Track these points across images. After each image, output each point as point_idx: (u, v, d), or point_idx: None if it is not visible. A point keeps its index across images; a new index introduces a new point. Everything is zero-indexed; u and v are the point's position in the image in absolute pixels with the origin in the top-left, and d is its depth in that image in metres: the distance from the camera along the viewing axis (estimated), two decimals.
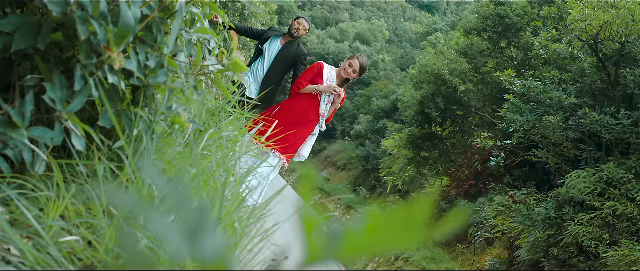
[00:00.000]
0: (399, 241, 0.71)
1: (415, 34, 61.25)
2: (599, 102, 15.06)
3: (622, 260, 11.23)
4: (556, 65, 16.68)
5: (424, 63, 21.64)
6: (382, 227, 0.71)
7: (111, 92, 2.19)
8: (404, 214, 0.70)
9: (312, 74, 8.49)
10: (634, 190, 12.48)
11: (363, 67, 8.33)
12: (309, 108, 8.30)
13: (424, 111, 21.17)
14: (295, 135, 8.14)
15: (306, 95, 8.35)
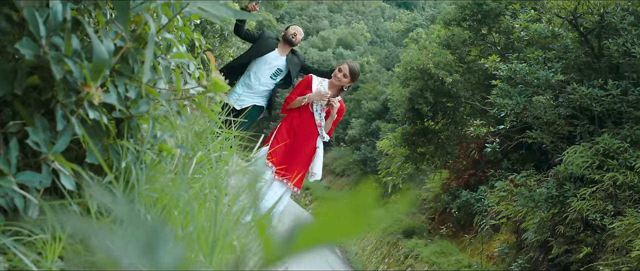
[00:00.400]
0: (349, 230, 0.71)
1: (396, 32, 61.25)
2: (585, 75, 15.08)
3: (629, 228, 11.23)
4: (539, 45, 16.70)
5: (408, 60, 21.65)
6: (332, 219, 0.71)
7: (94, 127, 2.19)
8: (351, 203, 0.71)
9: (301, 88, 8.35)
10: (631, 158, 12.50)
11: (353, 70, 8.20)
12: (303, 122, 8.09)
13: (414, 107, 21.17)
14: (298, 158, 7.98)
15: (298, 110, 8.18)
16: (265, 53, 9.73)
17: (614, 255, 11.36)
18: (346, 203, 0.72)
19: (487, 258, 16.07)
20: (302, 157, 8.03)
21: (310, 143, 8.10)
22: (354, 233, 0.72)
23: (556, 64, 15.16)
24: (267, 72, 9.70)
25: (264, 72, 9.68)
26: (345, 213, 0.71)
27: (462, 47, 21.05)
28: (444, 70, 20.23)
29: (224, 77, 2.74)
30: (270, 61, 9.73)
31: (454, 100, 20.96)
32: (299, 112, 8.17)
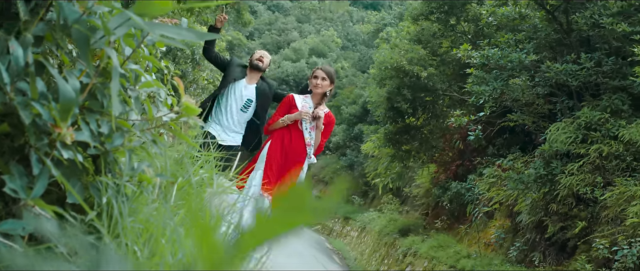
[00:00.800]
0: (288, 226, 0.71)
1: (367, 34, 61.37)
2: (558, 52, 15.16)
3: (620, 197, 11.28)
4: (508, 28, 16.79)
5: (381, 60, 21.69)
6: (271, 220, 0.71)
7: (71, 167, 2.18)
8: (286, 202, 0.71)
9: (285, 108, 7.97)
10: (613, 128, 12.57)
11: (328, 71, 7.95)
12: (293, 142, 7.76)
13: (394, 106, 21.19)
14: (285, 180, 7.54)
15: (289, 129, 7.80)
16: (232, 82, 9.04)
17: (609, 226, 11.40)
18: (281, 203, 0.72)
19: (485, 246, 16.11)
20: (291, 177, 7.55)
21: (298, 162, 7.78)
22: (294, 228, 0.72)
23: (527, 44, 15.25)
24: (236, 104, 8.98)
25: (233, 105, 8.96)
26: (283, 213, 0.71)
27: (433, 41, 21.13)
28: (418, 66, 20.28)
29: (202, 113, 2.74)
30: (239, 92, 9.02)
31: (431, 94, 21.02)
32: (289, 131, 7.80)
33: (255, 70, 9.13)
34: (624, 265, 9.59)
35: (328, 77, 7.93)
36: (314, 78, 7.93)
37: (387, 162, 25.77)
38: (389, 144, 22.99)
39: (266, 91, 9.17)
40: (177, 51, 24.62)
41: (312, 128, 7.81)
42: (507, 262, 13.88)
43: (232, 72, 9.13)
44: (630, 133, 11.99)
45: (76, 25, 2.00)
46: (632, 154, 12.13)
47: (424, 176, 23.54)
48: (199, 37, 2.09)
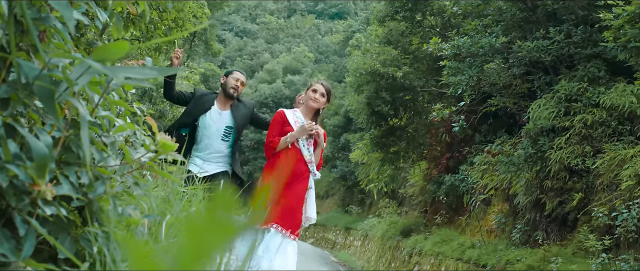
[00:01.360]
0: (216, 241, 0.71)
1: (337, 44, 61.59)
2: (527, 30, 15.22)
3: (612, 163, 11.32)
4: (474, 15, 16.87)
5: (355, 67, 21.73)
6: (197, 239, 0.71)
7: (57, 222, 2.17)
8: (209, 218, 0.71)
9: (278, 126, 7.39)
10: (593, 96, 12.62)
11: (327, 88, 7.49)
12: (291, 162, 7.19)
13: (375, 110, 21.21)
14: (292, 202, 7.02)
15: (285, 150, 7.24)
16: (201, 114, 8.20)
17: (605, 193, 11.43)
18: (205, 221, 0.71)
19: (488, 233, 16.11)
20: (295, 201, 7.09)
21: (302, 183, 7.22)
22: (224, 241, 0.71)
23: (495, 28, 15.32)
24: (216, 135, 8.18)
25: (212, 137, 8.16)
26: (207, 229, 0.71)
27: (402, 39, 21.20)
28: (392, 67, 20.32)
29: None
30: (215, 122, 8.22)
31: (410, 92, 21.05)
32: (284, 152, 7.25)
33: (229, 98, 8.36)
34: (625, 229, 9.61)
35: (327, 94, 7.50)
36: (313, 92, 7.45)
37: (378, 166, 25.80)
38: (376, 149, 23.02)
39: (243, 112, 8.44)
40: (152, 92, 24.65)
41: (309, 144, 7.35)
42: (511, 246, 13.88)
43: (199, 103, 8.33)
44: (611, 98, 12.04)
45: (38, 82, 1.99)
46: (616, 119, 12.18)
47: (417, 174, 23.54)
48: (160, 72, 2.09)
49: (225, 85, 8.35)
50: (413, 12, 20.57)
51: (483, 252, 14.51)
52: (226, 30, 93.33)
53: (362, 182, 31.04)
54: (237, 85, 8.27)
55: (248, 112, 8.50)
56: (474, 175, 16.16)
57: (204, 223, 0.71)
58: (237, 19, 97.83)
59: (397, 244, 21.52)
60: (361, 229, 28.97)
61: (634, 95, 11.88)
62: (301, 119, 7.44)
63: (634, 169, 10.33)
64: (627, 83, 12.38)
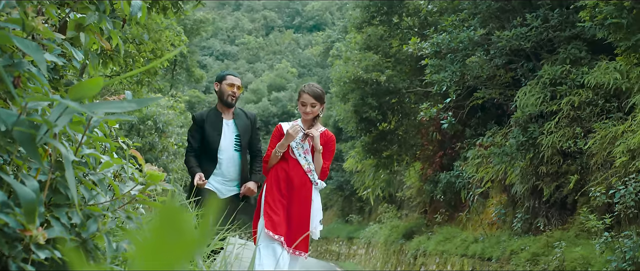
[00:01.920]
0: (172, 259, 0.70)
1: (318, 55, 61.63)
2: (504, 20, 15.27)
3: (603, 141, 11.33)
4: (450, 11, 16.92)
5: (338, 76, 21.76)
6: (151, 257, 0.70)
7: (53, 265, 2.16)
8: (160, 234, 0.69)
9: (275, 141, 6.97)
10: (577, 77, 12.66)
11: (314, 93, 6.85)
12: (290, 174, 6.78)
13: (363, 117, 21.23)
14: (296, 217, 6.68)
15: (279, 164, 6.86)
16: (220, 134, 7.69)
17: (600, 172, 11.45)
18: (156, 237, 0.70)
19: (489, 226, 16.10)
20: (301, 214, 6.73)
21: (304, 195, 6.78)
22: (180, 257, 0.70)
23: (472, 21, 15.36)
24: (231, 147, 7.76)
25: (229, 150, 7.73)
26: (161, 245, 0.70)
27: (382, 43, 21.25)
28: (374, 72, 20.36)
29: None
30: (225, 136, 7.77)
31: (395, 95, 21.09)
32: (284, 164, 6.84)
33: (227, 107, 7.80)
34: (624, 206, 9.61)
35: (317, 99, 6.87)
36: (302, 106, 6.91)
37: (373, 172, 25.83)
38: (369, 155, 23.04)
39: (245, 122, 7.96)
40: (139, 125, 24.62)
41: (306, 152, 6.89)
42: (514, 235, 13.88)
43: (209, 125, 7.71)
44: (595, 77, 12.08)
45: (17, 128, 1.97)
46: (602, 97, 12.21)
47: (412, 176, 23.54)
48: (139, 104, 2.08)
49: (222, 93, 7.77)
50: (389, 15, 20.63)
51: (486, 245, 14.51)
52: (206, 55, 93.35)
53: (359, 190, 31.04)
54: (234, 91, 7.71)
55: (249, 123, 8.01)
56: (468, 169, 16.17)
57: (153, 242, 0.70)
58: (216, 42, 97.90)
59: (400, 247, 21.50)
60: (364, 237, 28.94)
61: (617, 72, 11.92)
62: (300, 127, 6.94)
63: (626, 145, 10.35)
64: (609, 60, 12.42)
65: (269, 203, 6.72)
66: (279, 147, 6.81)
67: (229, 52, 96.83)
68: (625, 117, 11.46)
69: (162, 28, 14.10)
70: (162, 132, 24.90)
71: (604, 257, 9.65)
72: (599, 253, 9.86)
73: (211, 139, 7.67)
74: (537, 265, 11.70)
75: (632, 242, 8.90)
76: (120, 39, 3.69)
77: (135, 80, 14.81)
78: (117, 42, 3.48)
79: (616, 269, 9.08)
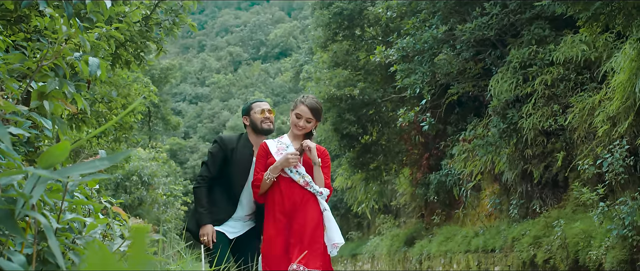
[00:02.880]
0: None
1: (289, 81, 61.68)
2: (464, 13, 15.34)
3: (582, 114, 11.39)
4: (409, 13, 17.00)
5: None
6: None
7: None
8: None
9: (262, 161, 5.96)
10: (545, 56, 12.73)
11: (314, 108, 5.96)
12: (286, 194, 5.80)
13: (343, 133, 21.22)
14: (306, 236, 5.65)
15: (276, 186, 5.86)
16: (247, 172, 6.37)
17: (585, 145, 11.50)
18: None
19: (487, 218, 16.12)
20: (310, 231, 5.69)
21: (309, 210, 5.76)
22: None
23: (433, 19, 15.44)
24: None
25: (247, 188, 6.38)
26: None
27: (349, 58, 21.28)
28: (347, 87, 20.37)
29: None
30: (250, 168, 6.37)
31: (371, 106, 21.10)
32: (277, 186, 5.84)
33: (262, 134, 6.50)
34: (614, 173, 9.65)
35: (315, 115, 5.99)
36: (297, 118, 5.97)
37: (363, 186, 25.81)
38: (356, 170, 23.04)
39: None
40: (124, 182, 24.55)
41: (298, 166, 5.84)
42: (512, 223, 13.91)
43: (235, 160, 6.37)
44: (562, 53, 12.16)
45: None
46: (573, 71, 12.29)
47: (403, 183, 23.54)
48: (111, 161, 2.07)
49: (255, 123, 6.44)
50: (351, 28, 20.71)
51: (488, 237, 14.52)
52: (179, 101, 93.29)
53: (353, 206, 30.99)
54: (267, 115, 6.42)
55: None
56: (456, 166, 16.21)
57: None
58: (186, 87, 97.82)
59: (404, 255, 21.47)
60: (366, 252, 28.87)
61: (583, 43, 12.00)
62: (285, 145, 6.03)
63: (605, 113, 10.41)
64: (573, 34, 12.50)
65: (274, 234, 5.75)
66: (271, 171, 5.78)
67: (201, 93, 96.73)
68: (600, 86, 11.53)
69: (130, 82, 14.11)
70: (149, 184, 24.84)
71: (603, 227, 9.68)
72: (598, 224, 9.89)
73: (234, 177, 6.36)
74: (540, 247, 11.71)
75: (629, 207, 8.93)
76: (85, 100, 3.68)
77: (112, 139, 14.77)
78: (82, 103, 3.46)
79: (618, 236, 9.11)
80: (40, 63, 3.30)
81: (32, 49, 3.86)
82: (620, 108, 10.01)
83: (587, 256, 9.93)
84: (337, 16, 20.51)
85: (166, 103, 40.89)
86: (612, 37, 11.84)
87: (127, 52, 9.00)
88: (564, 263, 10.80)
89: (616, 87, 10.17)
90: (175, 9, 9.45)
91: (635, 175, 9.96)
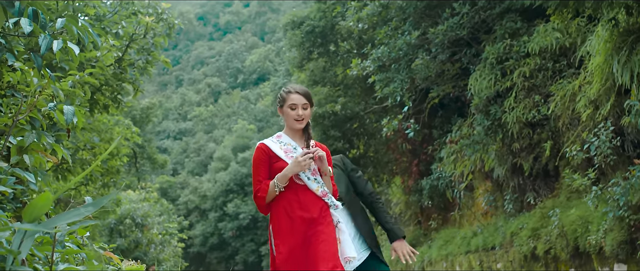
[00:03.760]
0: None
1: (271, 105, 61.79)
2: (434, 16, 15.41)
3: (565, 100, 11.42)
4: (381, 23, 17.04)
5: None
6: None
7: None
8: None
9: (264, 167, 5.15)
10: (520, 48, 12.78)
11: (304, 92, 5.17)
12: (301, 204, 4.99)
13: (330, 150, 21.18)
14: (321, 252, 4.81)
15: (285, 194, 5.04)
16: None
17: (571, 131, 11.52)
18: None
19: (483, 216, 16.13)
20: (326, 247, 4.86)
21: (324, 223, 4.95)
22: None
23: (405, 26, 15.49)
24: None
25: None
26: None
27: (326, 74, 21.32)
28: (328, 104, 20.40)
29: None
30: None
31: (355, 119, 21.13)
32: (286, 196, 5.03)
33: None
34: (602, 155, 9.67)
35: (308, 99, 5.20)
36: (291, 109, 5.14)
37: None
38: None
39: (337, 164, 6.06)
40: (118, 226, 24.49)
41: (314, 173, 5.04)
42: (509, 218, 13.91)
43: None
44: (537, 43, 12.21)
45: None
46: (550, 59, 12.34)
47: (396, 192, 23.52)
48: (97, 205, 2.05)
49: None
50: (325, 45, 20.76)
51: (486, 235, 14.52)
52: (164, 138, 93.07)
53: None
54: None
55: (342, 172, 6.01)
56: (447, 168, 16.22)
57: None
58: (169, 124, 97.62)
59: (406, 264, 21.41)
60: None
61: (556, 31, 12.07)
62: (292, 145, 5.21)
63: (586, 98, 10.45)
64: (545, 23, 12.56)
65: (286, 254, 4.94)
66: (280, 180, 4.96)
67: (185, 128, 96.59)
68: (578, 72, 11.57)
69: (111, 126, 14.08)
70: (143, 226, 24.79)
71: (599, 211, 9.68)
72: (594, 208, 9.89)
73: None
74: (539, 239, 11.71)
75: (621, 188, 8.93)
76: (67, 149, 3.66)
77: (100, 185, 14.70)
78: (61, 153, 3.45)
79: (614, 218, 9.11)
80: (16, 118, 3.29)
81: (7, 104, 3.85)
82: (601, 91, 10.04)
83: (587, 241, 9.93)
84: (310, 35, 20.55)
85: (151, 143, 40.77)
86: (584, 21, 11.89)
87: (104, 96, 8.98)
88: (564, 251, 10.80)
89: (594, 70, 10.21)
90: (146, 48, 9.44)
91: (624, 155, 9.98)
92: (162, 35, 9.66)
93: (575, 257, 10.71)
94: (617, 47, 9.32)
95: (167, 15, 9.80)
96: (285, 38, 24.66)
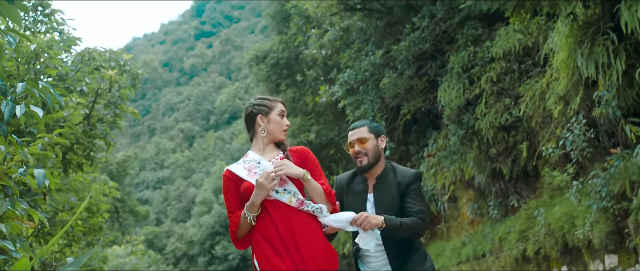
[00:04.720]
0: None
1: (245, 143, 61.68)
2: (395, 32, 15.49)
3: (534, 100, 11.49)
4: (343, 47, 17.11)
5: None
6: None
7: None
8: None
9: (233, 195, 4.60)
10: (483, 54, 12.86)
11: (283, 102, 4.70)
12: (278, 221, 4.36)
13: None
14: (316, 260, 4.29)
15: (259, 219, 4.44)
16: None
17: (544, 130, 11.58)
18: None
19: (469, 225, 16.13)
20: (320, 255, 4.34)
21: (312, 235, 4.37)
22: None
23: (367, 47, 15.56)
24: None
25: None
26: None
27: (296, 104, 21.35)
28: (302, 133, 20.42)
29: None
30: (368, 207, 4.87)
31: (330, 146, 21.14)
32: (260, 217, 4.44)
33: (363, 172, 4.98)
34: (578, 149, 9.71)
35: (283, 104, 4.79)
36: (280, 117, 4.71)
37: None
38: None
39: (391, 189, 4.92)
40: None
41: (282, 182, 4.42)
42: (495, 223, 13.92)
43: (349, 200, 4.98)
44: (500, 46, 12.30)
45: None
46: (515, 61, 12.44)
47: None
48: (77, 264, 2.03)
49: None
50: (291, 76, 20.82)
51: (475, 244, 14.51)
52: (143, 189, 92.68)
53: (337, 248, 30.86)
54: (356, 150, 4.86)
55: (396, 191, 4.86)
56: (427, 182, 16.21)
57: None
58: (147, 174, 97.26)
59: None
60: None
61: (517, 33, 12.17)
62: (255, 160, 4.65)
63: (555, 94, 10.51)
64: (505, 26, 12.66)
65: None
66: (249, 209, 4.41)
67: (163, 177, 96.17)
68: (544, 70, 11.66)
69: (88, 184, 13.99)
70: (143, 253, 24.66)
71: (583, 205, 9.71)
72: (577, 203, 9.92)
73: None
74: (528, 241, 11.72)
75: (601, 179, 8.97)
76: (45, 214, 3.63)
77: (84, 245, 14.59)
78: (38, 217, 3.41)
79: (598, 210, 9.14)
80: None
81: None
82: (569, 86, 10.11)
83: (575, 236, 9.94)
84: (275, 67, 20.62)
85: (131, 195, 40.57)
86: (543, 19, 11.99)
87: (77, 155, 8.93)
88: (554, 249, 10.81)
89: (559, 67, 10.28)
90: (113, 101, 9.39)
91: (599, 146, 10.04)
92: (128, 87, 9.60)
93: (565, 254, 10.72)
94: (578, 40, 9.40)
95: (129, 67, 9.74)
96: (252, 74, 24.72)
